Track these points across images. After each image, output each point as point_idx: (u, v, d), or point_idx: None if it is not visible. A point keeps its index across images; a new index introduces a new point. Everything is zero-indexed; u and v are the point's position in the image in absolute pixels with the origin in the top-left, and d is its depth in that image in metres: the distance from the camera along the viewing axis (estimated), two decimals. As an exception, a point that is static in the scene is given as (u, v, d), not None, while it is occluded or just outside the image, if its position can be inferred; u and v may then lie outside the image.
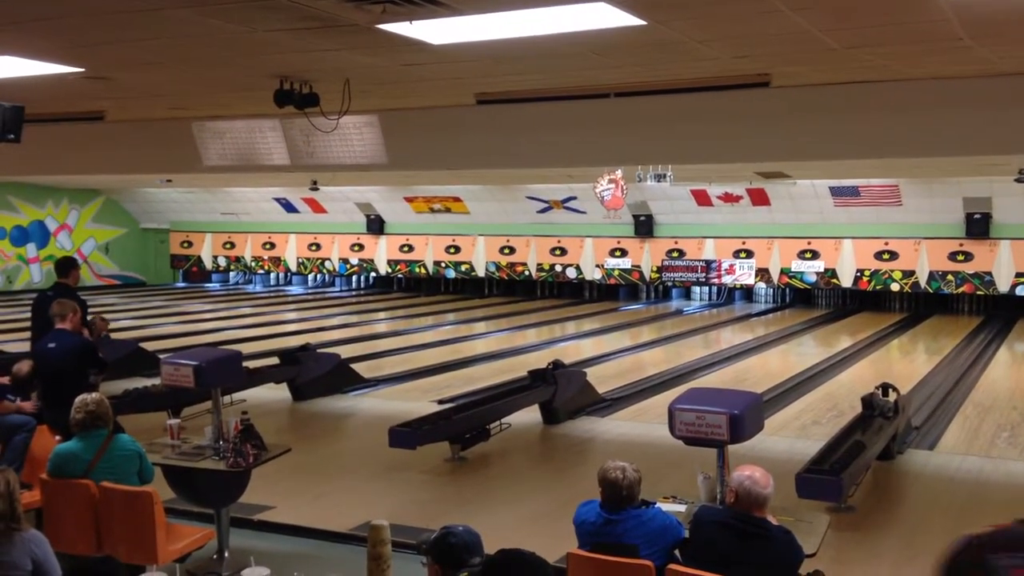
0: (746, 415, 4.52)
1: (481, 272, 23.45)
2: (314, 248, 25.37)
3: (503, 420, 8.64)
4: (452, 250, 23.65)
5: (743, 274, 20.89)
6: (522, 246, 22.85)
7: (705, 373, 12.48)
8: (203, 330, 16.71)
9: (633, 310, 20.83)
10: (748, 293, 22.05)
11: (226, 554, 5.50)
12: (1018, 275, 18.39)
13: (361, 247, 24.77)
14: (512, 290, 23.64)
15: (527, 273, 22.96)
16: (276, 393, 10.58)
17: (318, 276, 26.38)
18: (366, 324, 18.38)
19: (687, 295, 22.66)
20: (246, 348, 11.89)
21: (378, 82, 8.16)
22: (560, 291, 23.23)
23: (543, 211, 21.98)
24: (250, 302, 22.51)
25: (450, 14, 5.55)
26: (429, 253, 23.91)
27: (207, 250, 26.57)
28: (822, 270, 20.13)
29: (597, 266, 22.17)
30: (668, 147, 9.63)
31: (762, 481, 3.90)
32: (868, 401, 7.89)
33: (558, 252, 22.50)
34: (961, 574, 1.26)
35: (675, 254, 21.39)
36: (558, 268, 22.60)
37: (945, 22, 5.76)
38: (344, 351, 12.36)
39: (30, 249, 24.13)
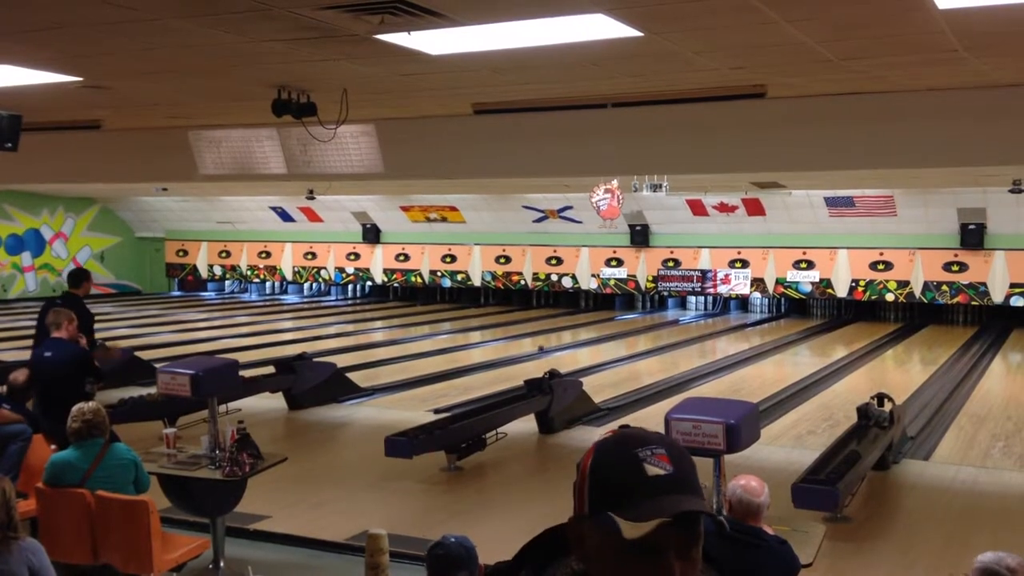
0: (742, 425, 4.53)
1: (477, 281, 23.44)
2: (310, 257, 25.34)
3: (499, 430, 8.64)
4: (448, 259, 23.65)
5: (738, 284, 20.91)
6: (518, 255, 22.84)
7: (701, 383, 12.48)
8: (199, 339, 16.67)
9: (629, 319, 20.84)
10: (743, 303, 22.06)
11: (222, 564, 5.49)
12: (1012, 286, 18.41)
13: (357, 256, 24.75)
14: (508, 299, 23.61)
15: (523, 282, 22.96)
16: (272, 402, 10.56)
17: (314, 285, 26.34)
18: (362, 333, 18.36)
19: (683, 305, 22.69)
20: (242, 357, 11.83)
21: (376, 92, 8.18)
22: (556, 300, 23.23)
23: (539, 220, 22.00)
24: (246, 311, 22.48)
25: (449, 25, 5.57)
26: (425, 262, 23.90)
27: (203, 259, 26.52)
28: (817, 280, 20.16)
29: (593, 275, 22.18)
30: (664, 157, 9.65)
31: (756, 490, 3.90)
32: (863, 411, 7.90)
33: (554, 262, 22.50)
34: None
35: (671, 264, 21.41)
36: (554, 277, 22.60)
37: (940, 34, 5.80)
38: (340, 360, 12.34)
39: (25, 258, 24.05)
